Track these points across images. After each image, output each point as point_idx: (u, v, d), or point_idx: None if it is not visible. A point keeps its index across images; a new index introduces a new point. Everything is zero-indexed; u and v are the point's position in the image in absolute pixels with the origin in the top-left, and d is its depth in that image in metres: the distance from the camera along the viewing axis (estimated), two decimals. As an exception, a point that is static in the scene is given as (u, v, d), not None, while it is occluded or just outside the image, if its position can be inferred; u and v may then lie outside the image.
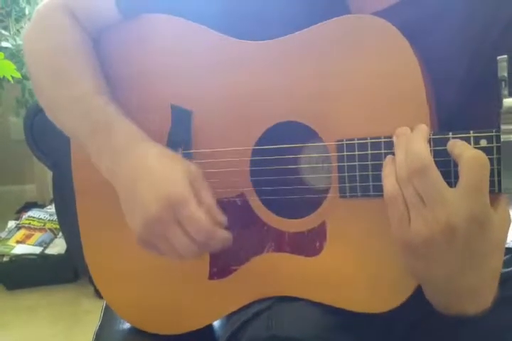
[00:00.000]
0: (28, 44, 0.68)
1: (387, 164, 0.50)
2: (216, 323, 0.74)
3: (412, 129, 0.50)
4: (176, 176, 0.55)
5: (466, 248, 0.47)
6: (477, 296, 0.52)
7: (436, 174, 0.46)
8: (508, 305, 0.57)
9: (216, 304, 0.65)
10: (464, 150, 0.46)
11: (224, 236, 0.57)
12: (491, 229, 0.46)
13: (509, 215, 0.49)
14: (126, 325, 0.73)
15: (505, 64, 0.46)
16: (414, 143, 0.48)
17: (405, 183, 0.47)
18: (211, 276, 0.64)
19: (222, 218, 0.57)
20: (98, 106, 0.61)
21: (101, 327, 0.76)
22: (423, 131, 0.49)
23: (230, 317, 0.65)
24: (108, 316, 0.77)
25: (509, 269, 0.61)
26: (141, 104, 0.65)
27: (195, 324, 0.67)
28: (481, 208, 0.45)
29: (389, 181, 0.49)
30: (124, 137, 0.59)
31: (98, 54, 0.66)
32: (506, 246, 0.64)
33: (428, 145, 0.48)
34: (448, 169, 0.48)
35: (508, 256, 0.63)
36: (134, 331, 0.72)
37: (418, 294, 0.54)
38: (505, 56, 0.46)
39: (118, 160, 0.58)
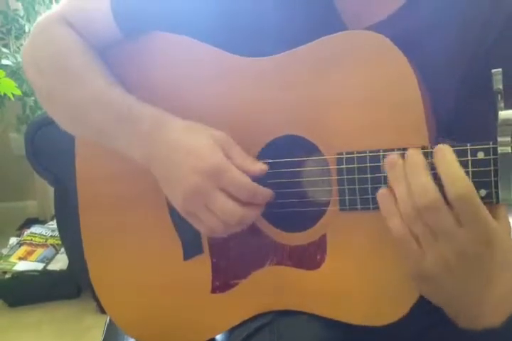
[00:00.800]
0: (29, 55, 0.68)
1: (386, 199, 0.49)
2: (219, 337, 0.74)
3: (404, 155, 0.48)
4: (207, 146, 0.56)
5: (483, 268, 0.48)
6: (497, 308, 0.51)
7: (445, 208, 0.46)
8: None
9: (219, 318, 0.65)
10: (448, 187, 0.45)
11: (265, 190, 0.57)
12: (498, 243, 0.47)
13: (509, 222, 0.49)
14: (131, 340, 0.73)
15: (500, 77, 0.46)
16: (416, 178, 0.47)
17: (413, 220, 0.47)
18: (213, 290, 0.65)
19: (262, 165, 0.57)
20: (117, 97, 0.61)
21: (105, 342, 0.76)
22: (418, 160, 0.47)
23: (232, 331, 0.65)
24: (111, 332, 0.77)
25: None
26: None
27: (199, 338, 0.67)
28: (487, 231, 0.46)
29: (394, 221, 0.48)
30: (149, 119, 0.59)
31: None
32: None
33: (431, 179, 0.46)
34: None
35: None
36: (138, 346, 0.72)
37: (419, 307, 0.53)
38: (500, 69, 0.46)
39: (150, 143, 0.59)
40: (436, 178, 0.46)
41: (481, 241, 0.46)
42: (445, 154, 0.46)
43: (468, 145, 0.47)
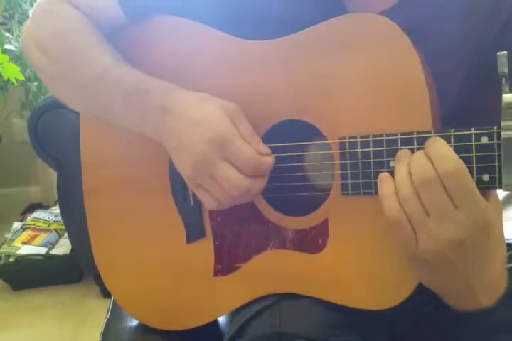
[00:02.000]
0: (31, 35, 0.67)
1: (384, 182, 0.50)
2: (221, 319, 0.75)
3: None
4: (216, 115, 0.56)
5: (477, 251, 0.47)
6: (492, 289, 0.52)
7: (441, 188, 0.46)
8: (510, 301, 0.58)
9: (221, 300, 0.66)
10: (438, 165, 0.46)
11: (269, 161, 0.57)
12: (492, 224, 0.47)
13: (500, 202, 0.49)
14: (133, 322, 0.74)
15: (505, 60, 0.46)
16: (417, 158, 0.48)
17: (408, 200, 0.47)
18: (216, 273, 0.65)
19: (265, 148, 0.57)
20: (125, 73, 0.61)
21: (108, 324, 0.77)
22: (405, 155, 0.49)
23: (235, 313, 0.66)
24: (115, 313, 0.78)
25: (510, 265, 0.62)
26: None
27: (201, 320, 0.68)
28: (480, 212, 0.46)
29: (390, 202, 0.48)
30: (159, 92, 0.59)
31: None
32: (508, 242, 0.65)
33: (429, 159, 0.47)
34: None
35: (509, 253, 0.63)
36: (141, 327, 0.73)
37: (421, 291, 0.54)
38: (505, 52, 0.46)
39: (160, 115, 0.58)
40: None
41: (476, 224, 0.46)
42: (435, 140, 0.48)
43: (472, 129, 0.47)
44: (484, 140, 0.47)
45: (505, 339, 0.59)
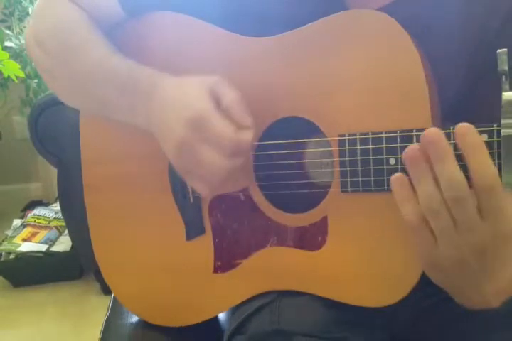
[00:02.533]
0: (31, 30, 0.67)
1: (401, 184, 0.46)
2: (221, 316, 0.75)
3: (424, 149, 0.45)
4: (194, 94, 0.54)
5: (496, 258, 0.47)
6: (503, 291, 0.51)
7: (473, 202, 0.44)
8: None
9: (221, 297, 0.66)
10: (479, 176, 0.43)
11: (246, 138, 0.54)
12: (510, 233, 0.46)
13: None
14: (134, 319, 0.74)
15: (505, 57, 0.46)
16: (443, 167, 0.44)
17: (438, 214, 0.44)
18: (216, 270, 0.65)
19: (246, 119, 0.54)
20: (118, 63, 0.61)
21: (109, 320, 0.77)
22: (445, 145, 0.44)
23: (235, 309, 0.66)
24: (115, 310, 0.78)
25: None
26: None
27: (201, 316, 0.68)
28: (508, 225, 0.45)
29: (408, 208, 0.46)
30: (147, 80, 0.59)
31: None
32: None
33: (459, 170, 0.44)
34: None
35: None
36: (141, 324, 0.73)
37: (421, 287, 0.54)
38: (505, 49, 0.46)
39: (148, 104, 0.58)
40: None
41: (501, 235, 0.45)
42: (472, 135, 0.44)
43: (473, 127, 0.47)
44: (484, 137, 0.47)
45: (507, 334, 0.58)
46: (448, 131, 0.48)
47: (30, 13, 1.71)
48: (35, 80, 1.71)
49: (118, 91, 0.60)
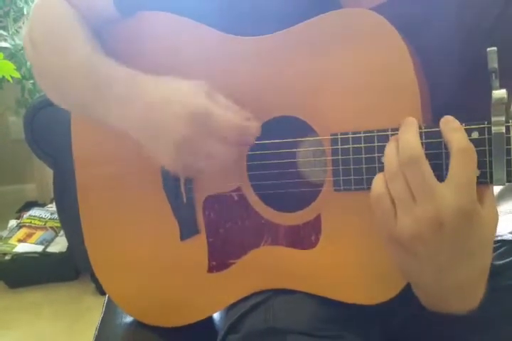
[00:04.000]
0: (27, 34, 0.67)
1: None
2: (216, 315, 0.75)
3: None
4: (188, 90, 0.54)
5: (454, 243, 0.46)
6: (464, 294, 0.51)
7: (426, 166, 0.46)
8: (507, 295, 0.58)
9: (215, 296, 0.66)
10: (454, 142, 0.46)
11: (254, 125, 0.56)
12: (478, 223, 0.46)
13: (496, 212, 0.48)
14: (128, 319, 0.74)
15: (495, 56, 0.46)
16: (403, 135, 0.48)
17: (394, 177, 0.47)
18: (210, 269, 0.65)
19: (247, 113, 0.56)
20: (97, 62, 0.60)
21: (103, 321, 0.77)
22: (412, 123, 0.49)
23: (229, 309, 0.66)
24: (110, 310, 0.78)
25: (505, 261, 0.62)
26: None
27: (196, 316, 0.68)
28: (470, 202, 0.45)
29: (376, 180, 0.49)
30: (124, 80, 0.58)
31: None
32: (501, 238, 0.65)
33: (418, 136, 0.47)
34: (439, 162, 0.48)
35: (504, 248, 0.64)
36: (136, 324, 0.73)
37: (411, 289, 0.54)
38: (495, 48, 0.46)
39: (126, 104, 0.57)
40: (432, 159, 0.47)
41: (460, 211, 0.44)
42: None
43: (463, 125, 0.47)
44: (475, 135, 0.47)
45: (505, 333, 0.59)
46: (438, 129, 0.48)
47: (25, 13, 1.71)
48: (31, 81, 1.71)
49: (94, 90, 0.59)
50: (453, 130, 0.47)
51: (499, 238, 0.65)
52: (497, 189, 0.78)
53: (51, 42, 0.64)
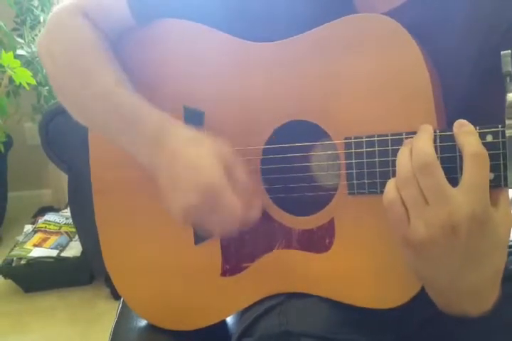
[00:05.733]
0: (45, 46, 0.68)
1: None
2: (229, 319, 0.75)
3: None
4: (208, 161, 0.55)
5: (467, 247, 0.46)
6: (478, 296, 0.51)
7: (440, 172, 0.46)
8: None
9: (229, 300, 0.66)
10: (467, 146, 0.46)
11: (253, 217, 0.57)
12: (491, 227, 0.46)
13: (510, 214, 0.48)
14: (143, 323, 0.75)
15: (509, 59, 0.46)
16: (418, 141, 0.48)
17: (407, 183, 0.47)
18: (223, 273, 0.66)
19: (257, 200, 0.57)
20: (122, 100, 0.61)
21: (118, 325, 0.78)
22: (427, 130, 0.49)
23: (243, 313, 0.66)
24: (124, 314, 0.79)
25: None
26: (155, 105, 0.66)
27: (209, 320, 0.68)
28: (482, 206, 0.45)
29: (389, 185, 0.49)
30: (153, 125, 0.58)
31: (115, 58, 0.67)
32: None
33: (432, 143, 0.47)
34: (454, 165, 0.48)
35: None
36: (150, 328, 0.73)
37: (426, 294, 0.54)
38: (509, 51, 0.46)
39: (154, 147, 0.58)
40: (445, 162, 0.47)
41: (477, 219, 0.45)
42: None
43: (477, 128, 0.47)
44: (489, 138, 0.47)
45: None
46: (452, 133, 0.48)
47: (41, 21, 1.74)
48: (46, 87, 1.73)
49: (119, 127, 0.61)
50: (466, 134, 0.47)
51: None
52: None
53: (73, 63, 0.65)
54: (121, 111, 0.60)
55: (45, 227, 1.82)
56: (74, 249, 1.73)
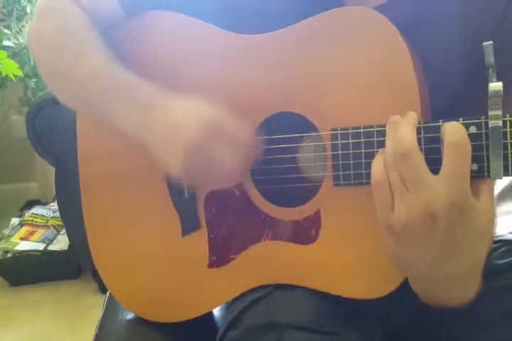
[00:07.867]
0: (34, 29, 0.67)
1: (379, 154, 0.51)
2: (216, 312, 0.75)
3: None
4: (205, 104, 0.57)
5: (447, 234, 0.47)
6: (457, 286, 0.52)
7: (419, 159, 0.46)
8: (506, 295, 0.58)
9: (215, 292, 0.66)
10: (447, 135, 0.46)
11: (259, 145, 0.59)
12: (471, 216, 0.46)
13: (492, 204, 0.48)
14: (129, 315, 0.75)
15: (491, 49, 0.46)
16: (400, 128, 0.48)
17: (391, 168, 0.47)
18: (210, 265, 0.66)
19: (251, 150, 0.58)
20: (115, 73, 0.61)
21: (104, 318, 0.78)
22: (411, 117, 0.49)
23: (229, 304, 0.66)
24: (111, 307, 0.79)
25: (505, 260, 0.62)
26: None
27: (196, 311, 0.68)
28: (461, 195, 0.45)
29: (376, 167, 0.49)
30: (147, 91, 0.59)
31: None
32: (502, 238, 0.65)
33: (415, 130, 0.48)
34: (437, 156, 0.48)
35: (504, 248, 0.63)
36: (136, 320, 0.73)
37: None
38: (491, 42, 0.46)
39: (148, 113, 0.58)
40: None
41: (457, 206, 0.45)
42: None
43: (461, 119, 0.48)
44: (473, 129, 0.47)
45: (503, 331, 0.58)
46: (436, 124, 0.49)
47: (28, 12, 1.72)
48: (34, 79, 1.71)
49: (112, 98, 0.61)
50: (448, 124, 0.47)
51: (499, 238, 0.65)
52: (497, 190, 0.77)
53: (64, 44, 0.65)
54: (114, 83, 0.61)
55: (32, 220, 1.81)
56: (61, 243, 1.72)
